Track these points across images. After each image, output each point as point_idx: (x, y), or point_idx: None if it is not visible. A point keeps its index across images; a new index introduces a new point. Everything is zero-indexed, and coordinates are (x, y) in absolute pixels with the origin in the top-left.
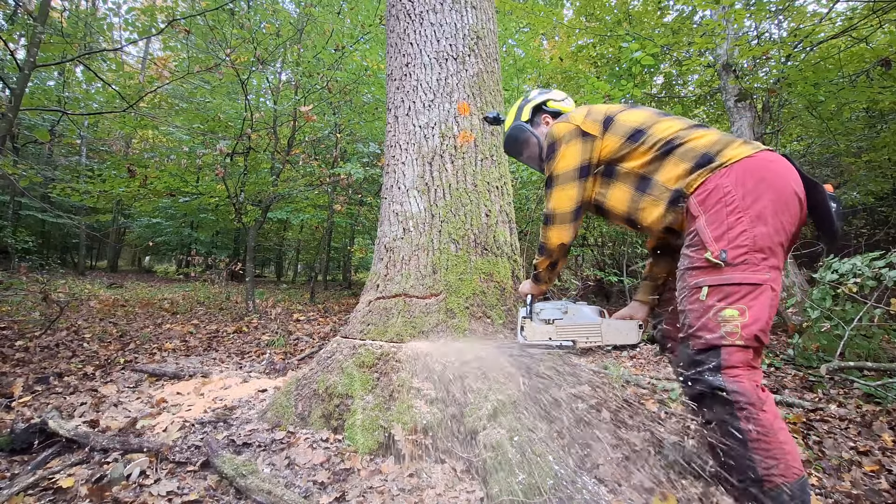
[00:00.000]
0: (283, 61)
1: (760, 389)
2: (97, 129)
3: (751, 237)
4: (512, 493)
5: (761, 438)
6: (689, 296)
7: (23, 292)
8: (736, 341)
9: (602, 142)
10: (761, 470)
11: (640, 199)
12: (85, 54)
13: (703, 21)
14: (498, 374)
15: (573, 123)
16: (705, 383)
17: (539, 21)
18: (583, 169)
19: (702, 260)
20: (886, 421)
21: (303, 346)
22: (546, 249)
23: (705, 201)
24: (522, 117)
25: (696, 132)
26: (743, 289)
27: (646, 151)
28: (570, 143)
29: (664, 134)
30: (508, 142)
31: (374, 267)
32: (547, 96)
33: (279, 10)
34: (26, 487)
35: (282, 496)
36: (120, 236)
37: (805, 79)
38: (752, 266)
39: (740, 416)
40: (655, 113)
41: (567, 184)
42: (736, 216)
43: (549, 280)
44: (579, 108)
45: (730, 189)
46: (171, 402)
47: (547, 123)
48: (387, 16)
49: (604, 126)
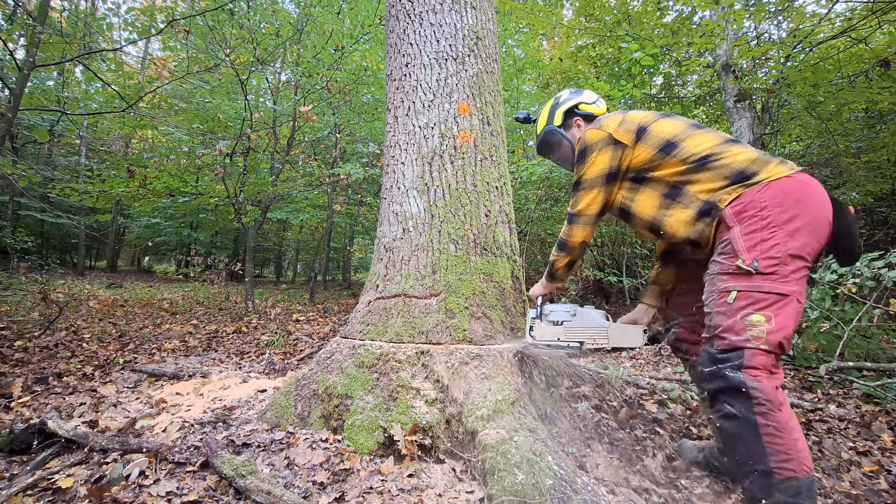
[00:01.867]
0: (283, 61)
1: (779, 391)
2: (96, 129)
3: (783, 251)
4: (512, 494)
5: (776, 434)
6: (717, 299)
7: (22, 292)
8: (760, 345)
9: (633, 151)
10: (773, 463)
11: (668, 205)
12: (84, 54)
13: (703, 21)
14: (498, 374)
15: (606, 131)
16: (725, 379)
17: (539, 21)
18: (610, 175)
19: (733, 267)
20: (885, 421)
21: (302, 346)
22: (567, 246)
23: (741, 213)
24: (555, 121)
25: (732, 148)
26: (771, 297)
27: (678, 163)
28: (602, 150)
29: (698, 149)
30: (541, 145)
31: (374, 267)
32: (578, 99)
33: (279, 10)
34: (25, 488)
35: (281, 496)
36: (119, 236)
37: (804, 79)
38: (782, 277)
39: (757, 412)
40: (690, 125)
41: (595, 188)
42: (770, 230)
43: (564, 278)
44: (613, 114)
45: (767, 204)
46: (171, 402)
47: (578, 126)
48: (386, 16)
49: (636, 136)
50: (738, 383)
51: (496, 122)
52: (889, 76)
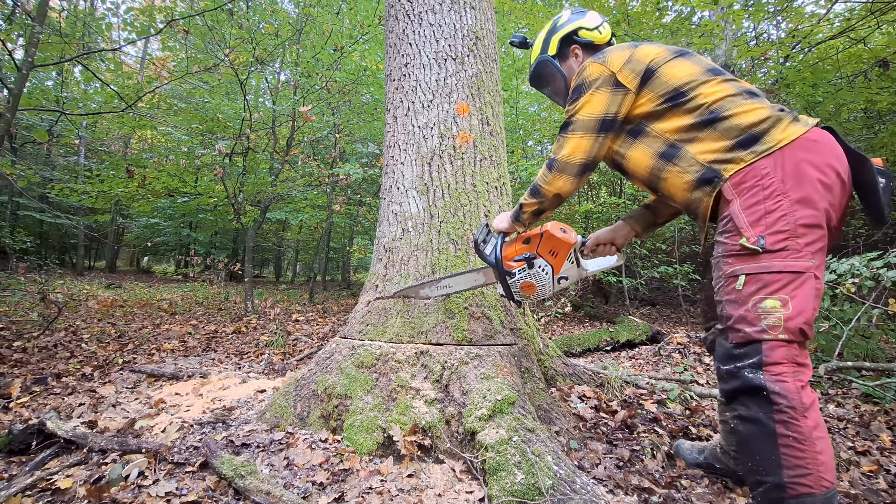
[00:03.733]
0: (282, 61)
1: (806, 392)
2: (95, 129)
3: (792, 221)
4: (511, 494)
5: (795, 446)
6: (726, 285)
7: (21, 292)
8: (779, 335)
9: (637, 98)
10: (787, 477)
11: (663, 167)
12: (83, 54)
13: (702, 21)
14: (497, 374)
15: (608, 69)
16: (743, 380)
17: (538, 21)
18: (605, 122)
19: (737, 246)
20: (884, 421)
21: (301, 346)
22: (540, 193)
23: (740, 184)
24: (549, 50)
25: (744, 103)
26: (784, 277)
27: (684, 114)
28: (599, 89)
29: (710, 98)
30: (533, 76)
31: (373, 267)
32: (579, 23)
33: (278, 10)
34: (24, 488)
35: (281, 497)
36: (118, 236)
37: (803, 79)
38: (794, 252)
39: (777, 420)
40: (706, 69)
41: (585, 133)
42: (774, 199)
43: (528, 224)
44: (619, 47)
45: (768, 171)
46: (170, 402)
47: (576, 56)
48: (386, 16)
49: (642, 80)
50: (757, 385)
51: (495, 123)
52: (888, 76)
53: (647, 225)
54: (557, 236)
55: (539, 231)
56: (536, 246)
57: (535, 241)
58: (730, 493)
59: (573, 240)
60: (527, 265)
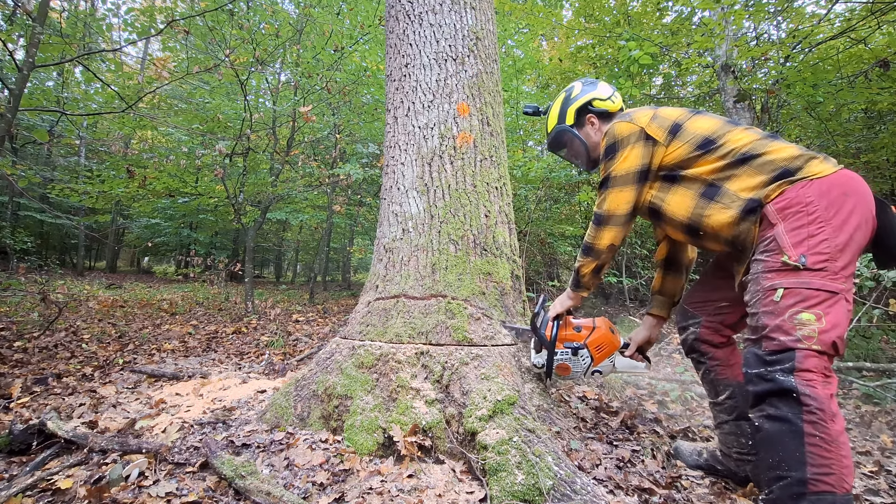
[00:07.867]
0: (283, 62)
1: (834, 401)
2: (96, 129)
3: (832, 246)
4: (512, 494)
5: (822, 446)
6: (763, 297)
7: (21, 293)
8: (812, 346)
9: (666, 148)
10: (810, 473)
11: (706, 205)
12: (84, 55)
13: (702, 21)
14: (497, 375)
15: (637, 125)
16: (775, 382)
17: (538, 22)
18: (641, 173)
19: (778, 263)
20: (885, 421)
21: (302, 346)
22: (594, 250)
23: (785, 209)
24: (567, 120)
25: (774, 144)
26: (821, 294)
27: (716, 160)
28: (633, 145)
29: (738, 144)
30: (551, 143)
31: (374, 268)
32: (592, 94)
33: (278, 10)
34: (25, 489)
35: (281, 497)
36: (119, 237)
37: (804, 80)
38: (832, 274)
39: (806, 420)
40: (725, 122)
41: (626, 186)
42: (818, 225)
43: (591, 285)
44: (643, 108)
45: (812, 199)
46: (170, 402)
47: (592, 124)
48: (386, 16)
49: (670, 133)
50: (788, 387)
51: (496, 123)
52: (888, 76)
53: (668, 307)
54: (609, 335)
55: (591, 324)
56: (586, 337)
57: (587, 332)
58: (731, 494)
59: (619, 342)
60: (571, 352)
